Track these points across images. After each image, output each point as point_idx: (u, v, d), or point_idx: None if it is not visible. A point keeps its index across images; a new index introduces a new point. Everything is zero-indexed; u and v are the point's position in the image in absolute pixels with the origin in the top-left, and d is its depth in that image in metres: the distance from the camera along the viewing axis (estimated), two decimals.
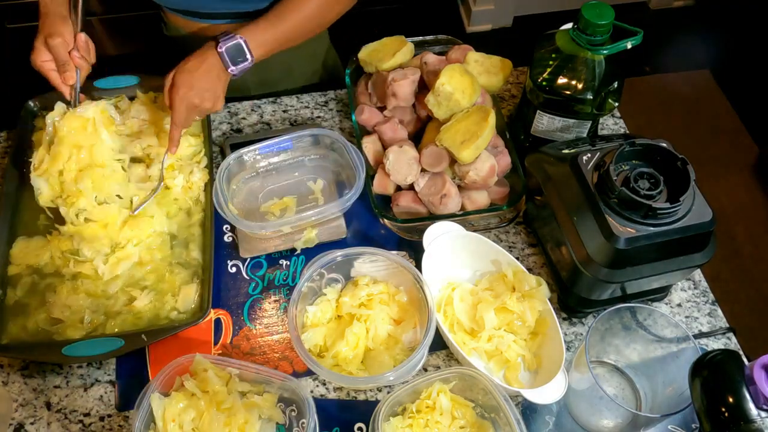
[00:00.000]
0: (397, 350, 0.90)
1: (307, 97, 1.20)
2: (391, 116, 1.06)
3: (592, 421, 0.86)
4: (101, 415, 0.88)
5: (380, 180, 1.02)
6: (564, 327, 0.96)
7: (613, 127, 1.19)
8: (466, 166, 0.97)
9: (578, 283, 0.90)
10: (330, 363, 0.88)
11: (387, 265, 0.94)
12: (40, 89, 1.10)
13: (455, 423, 0.83)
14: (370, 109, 1.07)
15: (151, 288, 0.94)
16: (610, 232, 0.81)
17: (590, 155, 0.87)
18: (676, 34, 2.67)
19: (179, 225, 1.00)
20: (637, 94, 2.36)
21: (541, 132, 1.04)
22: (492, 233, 1.04)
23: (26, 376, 0.90)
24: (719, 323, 0.97)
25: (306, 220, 0.98)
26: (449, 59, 1.08)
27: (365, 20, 1.16)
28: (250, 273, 1.00)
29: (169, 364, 0.81)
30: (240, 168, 1.05)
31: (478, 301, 0.92)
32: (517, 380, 0.88)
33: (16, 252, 0.96)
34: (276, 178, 1.07)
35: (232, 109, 1.18)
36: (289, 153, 1.07)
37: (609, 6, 0.90)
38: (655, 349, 0.86)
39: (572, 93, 0.96)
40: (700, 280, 1.01)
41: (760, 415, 0.63)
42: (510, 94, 1.22)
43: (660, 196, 0.82)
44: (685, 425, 0.87)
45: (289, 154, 1.07)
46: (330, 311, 0.93)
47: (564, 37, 0.96)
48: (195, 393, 0.81)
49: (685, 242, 0.83)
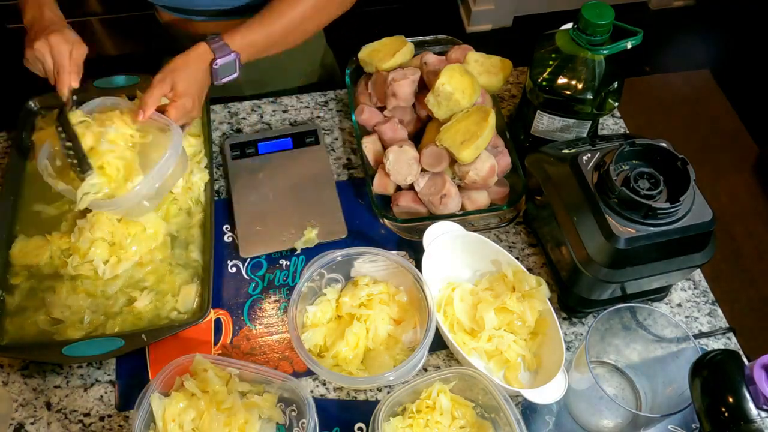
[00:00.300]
0: (397, 350, 0.90)
1: (307, 97, 1.20)
2: (391, 116, 1.06)
3: (592, 421, 0.86)
4: (101, 415, 0.88)
5: (380, 180, 1.02)
6: (564, 327, 0.96)
7: (613, 127, 1.19)
8: (466, 166, 0.97)
9: (578, 283, 0.90)
10: (330, 363, 0.88)
11: (387, 265, 0.94)
12: (40, 89, 1.10)
13: (455, 423, 0.83)
14: (370, 109, 1.07)
15: (151, 288, 0.94)
16: (610, 232, 0.81)
17: (590, 155, 0.87)
18: (676, 34, 2.68)
19: (179, 226, 1.00)
20: (637, 94, 2.36)
21: (541, 132, 1.04)
22: (492, 233, 1.04)
23: (26, 376, 0.90)
24: (719, 323, 0.97)
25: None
26: (449, 59, 1.08)
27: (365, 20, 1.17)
28: (250, 273, 1.00)
29: (169, 364, 0.81)
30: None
31: (478, 301, 0.92)
32: (517, 380, 0.88)
33: (15, 252, 0.96)
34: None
35: (232, 109, 1.18)
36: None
37: (609, 6, 0.90)
38: (655, 349, 0.86)
39: (572, 93, 0.96)
40: (700, 280, 1.01)
41: (760, 415, 0.63)
42: (510, 94, 1.22)
43: (660, 196, 0.82)
44: (685, 425, 0.87)
45: None
46: (330, 311, 0.93)
47: (564, 37, 0.96)
48: (195, 393, 0.81)
49: (685, 242, 0.83)
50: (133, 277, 0.95)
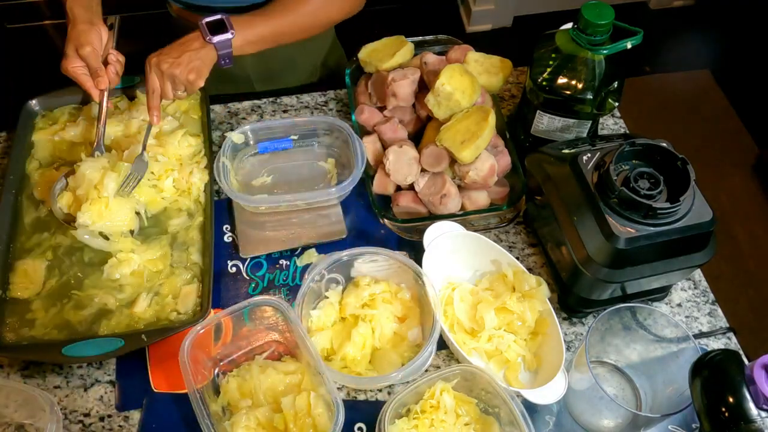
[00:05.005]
0: (404, 348, 0.91)
1: (307, 97, 1.20)
2: (391, 116, 1.06)
3: (592, 421, 0.86)
4: (101, 415, 0.88)
5: (380, 180, 1.02)
6: (564, 327, 0.96)
7: (613, 127, 1.19)
8: (466, 166, 0.97)
9: (578, 283, 0.90)
10: (339, 365, 0.88)
11: (387, 264, 0.94)
12: (40, 89, 1.10)
13: (460, 420, 0.83)
14: (370, 109, 1.07)
15: (151, 289, 0.94)
16: (610, 232, 0.81)
17: (590, 155, 0.87)
18: (676, 34, 2.67)
19: (180, 227, 1.00)
20: (637, 94, 2.36)
21: (541, 132, 1.04)
22: (492, 233, 1.04)
23: (26, 376, 0.90)
24: (719, 323, 0.97)
25: (302, 200, 0.99)
26: (449, 59, 1.08)
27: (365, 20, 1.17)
28: (250, 273, 1.00)
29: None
30: (243, 147, 1.07)
31: (478, 301, 0.92)
32: (517, 380, 0.88)
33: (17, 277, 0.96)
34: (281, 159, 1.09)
35: (232, 109, 1.18)
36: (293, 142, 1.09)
37: (609, 6, 0.90)
38: (655, 349, 0.86)
39: (572, 93, 0.96)
40: (700, 280, 1.01)
41: (760, 415, 0.63)
42: (510, 94, 1.22)
43: (660, 196, 0.82)
44: (685, 425, 0.87)
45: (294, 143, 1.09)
46: (334, 314, 0.93)
47: (564, 37, 0.96)
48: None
49: (685, 242, 0.83)
50: (133, 279, 0.95)
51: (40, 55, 2.20)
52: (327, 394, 0.80)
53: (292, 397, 0.82)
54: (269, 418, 0.82)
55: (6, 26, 2.28)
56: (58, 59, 0.97)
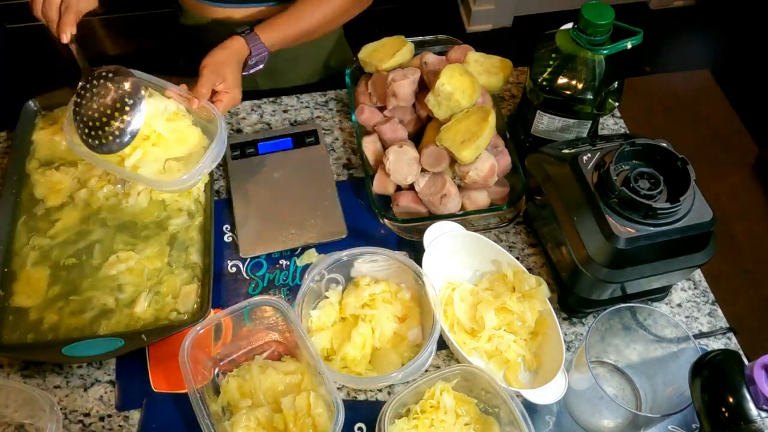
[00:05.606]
0: (404, 348, 0.91)
1: (307, 97, 1.20)
2: (391, 116, 1.06)
3: (592, 421, 0.86)
4: (101, 415, 0.88)
5: (380, 180, 1.02)
6: (564, 327, 0.96)
7: (613, 127, 1.19)
8: (466, 166, 0.97)
9: (578, 283, 0.90)
10: (339, 365, 0.88)
11: (387, 264, 0.94)
12: (40, 89, 1.10)
13: (460, 420, 0.83)
14: (370, 109, 1.07)
15: (151, 289, 0.94)
16: (610, 232, 0.81)
17: (590, 155, 0.87)
18: (676, 34, 2.68)
19: (180, 227, 1.00)
20: (637, 94, 2.36)
21: (541, 132, 1.04)
22: (492, 233, 1.04)
23: (26, 376, 0.90)
24: (719, 323, 0.97)
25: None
26: (449, 59, 1.08)
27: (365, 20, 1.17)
28: (250, 273, 1.00)
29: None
30: None
31: (478, 301, 0.92)
32: (517, 380, 0.88)
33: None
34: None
35: (232, 109, 1.18)
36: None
37: (609, 6, 0.90)
38: (655, 349, 0.86)
39: (572, 93, 0.96)
40: (700, 280, 1.01)
41: (760, 415, 0.63)
42: (510, 94, 1.22)
43: (660, 196, 0.82)
44: (685, 425, 0.87)
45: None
46: (334, 314, 0.93)
47: (564, 37, 0.96)
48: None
49: (685, 242, 0.83)
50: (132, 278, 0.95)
51: (40, 55, 2.20)
52: (327, 394, 0.80)
53: (292, 397, 0.82)
54: (269, 418, 0.82)
55: (6, 26, 2.29)
56: (58, 59, 0.97)
